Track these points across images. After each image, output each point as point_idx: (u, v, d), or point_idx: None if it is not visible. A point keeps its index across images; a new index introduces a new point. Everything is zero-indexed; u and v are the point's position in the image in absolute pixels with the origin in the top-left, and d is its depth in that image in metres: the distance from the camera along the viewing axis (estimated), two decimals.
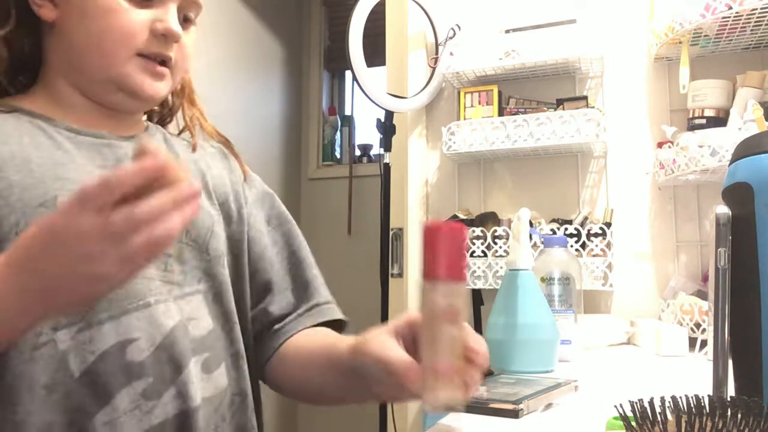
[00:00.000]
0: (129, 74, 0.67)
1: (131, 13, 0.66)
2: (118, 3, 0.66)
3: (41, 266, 0.47)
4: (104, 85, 0.69)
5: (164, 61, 0.69)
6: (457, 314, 0.57)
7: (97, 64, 0.67)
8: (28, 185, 0.60)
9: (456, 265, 0.58)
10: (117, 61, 0.67)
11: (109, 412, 0.59)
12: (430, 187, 1.90)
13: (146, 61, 0.68)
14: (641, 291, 1.63)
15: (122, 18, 0.65)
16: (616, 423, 0.57)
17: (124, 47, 0.66)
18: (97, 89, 0.70)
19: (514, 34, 1.74)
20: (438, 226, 0.58)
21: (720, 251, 0.54)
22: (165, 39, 0.68)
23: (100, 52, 0.67)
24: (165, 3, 0.68)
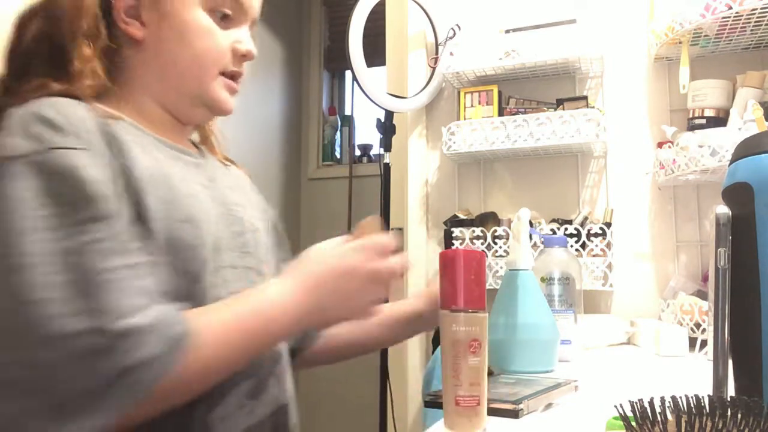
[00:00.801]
0: (215, 91, 0.74)
1: (220, 35, 0.72)
2: (211, 26, 0.71)
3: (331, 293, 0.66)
4: (188, 100, 0.74)
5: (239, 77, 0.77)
6: (477, 343, 0.56)
7: (190, 81, 0.73)
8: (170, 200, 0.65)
9: (475, 293, 0.58)
10: (206, 80, 0.73)
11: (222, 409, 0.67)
12: (430, 187, 1.90)
13: (226, 79, 0.75)
14: (641, 291, 1.64)
15: (214, 41, 0.72)
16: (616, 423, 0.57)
17: (212, 67, 0.73)
18: (182, 104, 0.75)
19: (514, 34, 1.74)
20: (456, 253, 0.58)
21: (720, 251, 0.54)
22: (243, 59, 0.75)
23: (193, 71, 0.72)
24: (240, 24, 0.75)
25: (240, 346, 0.62)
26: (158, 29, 0.71)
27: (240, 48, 0.74)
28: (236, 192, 0.81)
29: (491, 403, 0.68)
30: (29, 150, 0.57)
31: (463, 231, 1.68)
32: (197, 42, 0.71)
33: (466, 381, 0.56)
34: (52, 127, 0.58)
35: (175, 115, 0.76)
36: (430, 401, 0.72)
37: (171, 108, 0.75)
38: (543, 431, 0.68)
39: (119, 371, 0.51)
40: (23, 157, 0.56)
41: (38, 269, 0.51)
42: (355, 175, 2.86)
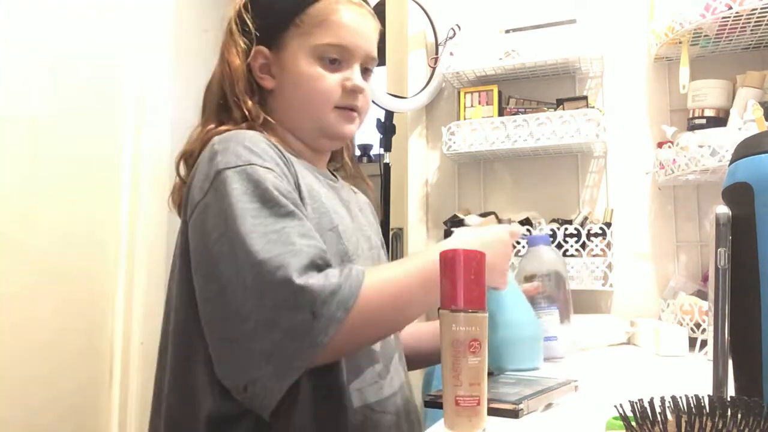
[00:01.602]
0: (332, 123, 0.91)
1: (328, 77, 0.89)
2: (319, 72, 0.89)
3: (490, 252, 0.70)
4: (313, 133, 0.92)
5: (353, 108, 0.92)
6: (477, 343, 0.56)
7: (307, 117, 0.91)
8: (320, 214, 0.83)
9: (475, 293, 0.57)
10: (321, 115, 0.90)
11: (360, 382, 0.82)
12: (430, 187, 1.90)
13: (342, 111, 0.91)
14: (641, 291, 1.63)
15: (322, 83, 0.89)
16: (616, 423, 0.57)
17: (325, 104, 0.90)
18: (307, 136, 0.93)
19: (514, 34, 1.74)
20: (456, 253, 0.58)
21: (720, 251, 0.54)
22: (354, 93, 0.91)
23: (309, 109, 0.90)
24: (350, 65, 0.91)
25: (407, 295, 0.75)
26: (282, 80, 0.90)
27: (348, 85, 0.90)
28: (363, 214, 1.00)
29: (491, 403, 0.68)
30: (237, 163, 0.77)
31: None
32: (308, 86, 0.89)
33: (466, 381, 0.56)
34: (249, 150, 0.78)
35: (308, 145, 0.94)
36: (430, 401, 0.72)
37: (303, 140, 0.94)
38: (543, 431, 0.68)
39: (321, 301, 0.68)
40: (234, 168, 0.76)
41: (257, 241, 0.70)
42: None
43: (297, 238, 0.72)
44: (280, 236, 0.72)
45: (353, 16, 0.90)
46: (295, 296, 0.68)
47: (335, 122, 0.91)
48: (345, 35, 0.89)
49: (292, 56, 0.89)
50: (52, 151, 1.46)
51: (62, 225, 1.48)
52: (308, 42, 0.88)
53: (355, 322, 0.69)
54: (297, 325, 0.68)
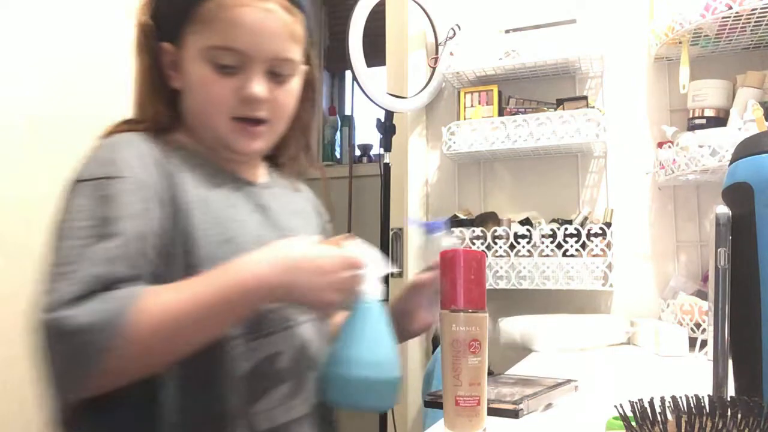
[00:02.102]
0: (227, 135, 0.79)
1: (219, 84, 0.77)
2: (208, 75, 0.77)
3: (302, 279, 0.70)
4: (213, 141, 0.82)
5: (256, 120, 0.79)
6: (477, 343, 0.56)
7: (203, 126, 0.81)
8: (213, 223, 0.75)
9: (475, 293, 0.57)
10: (215, 125, 0.79)
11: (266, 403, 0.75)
12: (430, 187, 1.90)
13: (240, 123, 0.79)
14: (641, 291, 1.63)
15: (212, 90, 0.77)
16: (616, 423, 0.57)
17: (218, 113, 0.78)
18: (211, 144, 0.82)
19: (514, 34, 1.74)
20: (456, 253, 0.58)
21: (720, 251, 0.54)
22: (251, 103, 0.78)
23: (204, 116, 0.80)
24: (248, 70, 0.77)
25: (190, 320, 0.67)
26: (184, 80, 0.80)
27: (242, 93, 0.77)
28: (296, 217, 0.90)
29: (491, 403, 0.68)
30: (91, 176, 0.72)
31: (463, 231, 1.68)
32: (200, 92, 0.79)
33: (466, 381, 0.56)
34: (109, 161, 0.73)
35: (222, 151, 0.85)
36: (430, 401, 0.72)
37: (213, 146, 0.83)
38: (543, 431, 0.68)
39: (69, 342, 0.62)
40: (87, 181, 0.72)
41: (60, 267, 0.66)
42: (355, 175, 2.85)
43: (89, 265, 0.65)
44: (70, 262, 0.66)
45: (252, 12, 0.76)
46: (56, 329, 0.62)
47: (231, 135, 0.79)
48: (239, 37, 0.76)
49: (188, 56, 0.78)
50: (52, 151, 1.46)
51: None
52: (201, 42, 0.77)
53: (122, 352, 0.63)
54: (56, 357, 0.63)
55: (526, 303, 1.68)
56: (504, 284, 1.62)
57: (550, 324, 1.42)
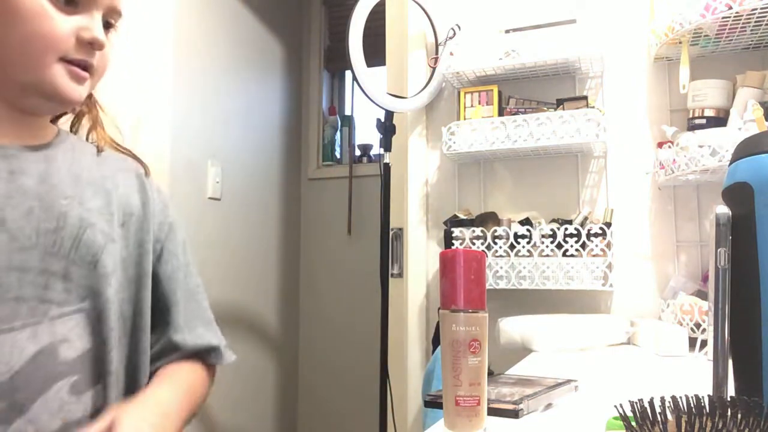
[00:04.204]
0: (52, 78, 0.68)
1: (57, 20, 0.67)
2: (45, 9, 0.66)
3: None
4: (24, 88, 0.69)
5: (86, 65, 0.71)
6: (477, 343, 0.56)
7: (20, 67, 0.68)
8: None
9: (475, 293, 0.57)
10: (41, 66, 0.68)
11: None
12: (430, 187, 1.90)
13: (70, 66, 0.69)
14: (641, 291, 1.64)
15: (49, 24, 0.67)
16: (616, 423, 0.57)
17: (49, 53, 0.68)
18: (13, 92, 0.70)
19: (514, 34, 1.74)
20: (456, 253, 0.58)
21: (720, 251, 0.54)
22: (90, 47, 0.70)
23: (25, 55, 0.67)
24: (90, 11, 0.70)
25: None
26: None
27: (84, 35, 0.69)
28: (82, 185, 0.75)
29: (491, 403, 0.68)
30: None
31: (463, 231, 1.68)
32: (29, 25, 0.66)
33: (466, 381, 0.56)
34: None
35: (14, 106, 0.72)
36: (430, 401, 0.72)
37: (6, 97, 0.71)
38: (543, 431, 0.68)
39: None
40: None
41: None
42: (355, 175, 2.86)
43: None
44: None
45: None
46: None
47: (58, 78, 0.69)
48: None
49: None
50: None
51: None
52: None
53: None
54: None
55: (526, 303, 1.68)
56: (504, 284, 1.62)
57: (550, 324, 1.42)
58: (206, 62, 2.11)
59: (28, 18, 0.66)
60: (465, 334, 0.56)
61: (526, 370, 1.12)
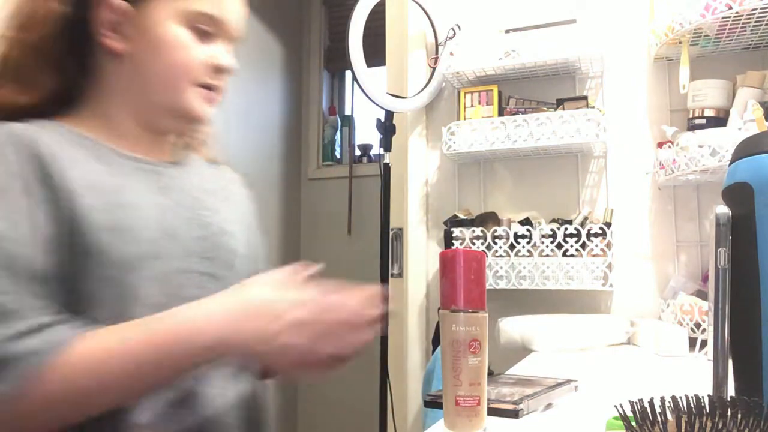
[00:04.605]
0: (189, 101, 0.77)
1: (195, 49, 0.76)
2: (185, 40, 0.75)
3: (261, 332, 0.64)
4: (166, 110, 0.78)
5: (216, 89, 0.80)
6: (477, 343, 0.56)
7: (160, 91, 0.76)
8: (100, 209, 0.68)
9: (475, 293, 0.57)
10: (179, 90, 0.76)
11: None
12: (430, 187, 1.90)
13: (203, 90, 0.78)
14: (641, 291, 1.63)
15: (188, 54, 0.75)
16: (616, 423, 0.57)
17: (187, 79, 0.76)
18: (157, 114, 0.78)
19: (514, 34, 1.74)
20: (456, 253, 0.58)
21: (720, 251, 0.54)
22: (221, 73, 0.79)
23: (166, 81, 0.76)
24: (221, 41, 0.79)
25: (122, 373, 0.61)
26: (138, 43, 0.74)
27: (217, 63, 0.78)
28: (212, 196, 0.83)
29: (491, 403, 0.68)
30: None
31: (463, 231, 1.68)
32: (172, 55, 0.75)
33: (466, 381, 0.56)
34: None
35: (150, 126, 0.79)
36: (430, 401, 0.72)
37: (146, 119, 0.78)
38: (543, 431, 0.68)
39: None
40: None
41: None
42: (355, 175, 2.86)
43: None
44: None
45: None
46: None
47: (194, 101, 0.77)
48: (221, 6, 0.77)
49: (158, 18, 0.74)
50: None
51: None
52: (180, 6, 0.74)
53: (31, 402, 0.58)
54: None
55: (526, 303, 1.68)
56: (504, 284, 1.62)
57: (550, 324, 1.42)
58: None
59: (171, 48, 0.74)
60: (465, 334, 0.56)
61: (526, 370, 1.12)
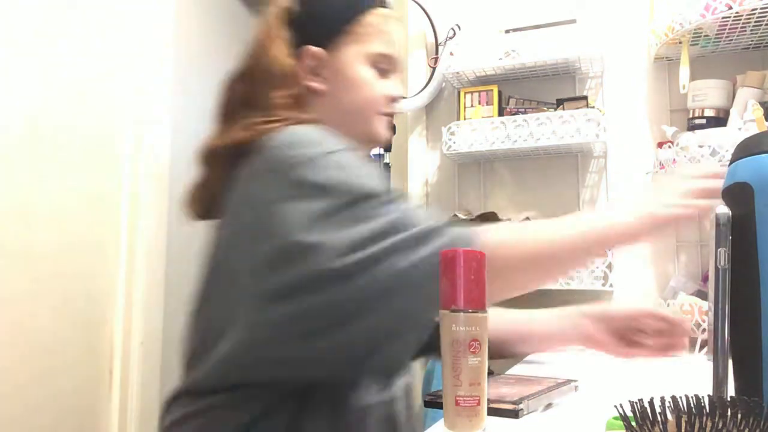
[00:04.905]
0: (376, 128, 0.92)
1: (378, 85, 0.91)
2: (372, 78, 0.91)
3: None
4: (358, 136, 0.91)
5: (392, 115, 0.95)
6: (477, 343, 0.56)
7: (357, 120, 0.91)
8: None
9: (475, 293, 0.57)
10: (369, 119, 0.92)
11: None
12: (430, 187, 1.90)
13: (384, 117, 0.93)
14: (641, 291, 1.63)
15: (374, 89, 0.91)
16: (616, 423, 0.57)
17: (373, 108, 0.91)
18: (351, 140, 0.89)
19: (514, 34, 1.74)
20: (456, 253, 0.58)
21: (720, 251, 0.54)
22: (395, 101, 0.95)
23: (359, 112, 0.91)
24: (393, 75, 0.95)
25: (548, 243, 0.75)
26: (334, 82, 0.90)
27: (392, 93, 0.93)
28: None
29: (491, 403, 0.68)
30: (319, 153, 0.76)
31: None
32: (362, 91, 0.91)
33: (466, 381, 0.56)
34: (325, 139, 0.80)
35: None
36: (430, 401, 0.72)
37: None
38: (543, 431, 0.68)
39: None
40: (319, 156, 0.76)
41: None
42: None
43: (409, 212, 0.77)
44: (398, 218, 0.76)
45: (398, 30, 0.97)
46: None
47: (380, 128, 0.93)
48: (395, 47, 0.94)
49: (348, 60, 0.90)
50: (52, 152, 1.46)
51: (62, 225, 1.48)
52: (364, 49, 0.91)
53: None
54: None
55: (526, 303, 1.68)
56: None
57: None
58: (206, 62, 2.11)
59: (362, 85, 0.90)
60: (465, 334, 0.56)
61: (526, 370, 1.12)
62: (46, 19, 1.45)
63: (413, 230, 0.69)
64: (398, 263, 0.67)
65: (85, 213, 1.55)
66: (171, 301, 1.79)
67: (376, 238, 0.67)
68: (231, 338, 0.72)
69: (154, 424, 1.72)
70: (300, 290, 0.67)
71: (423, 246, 0.68)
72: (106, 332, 1.61)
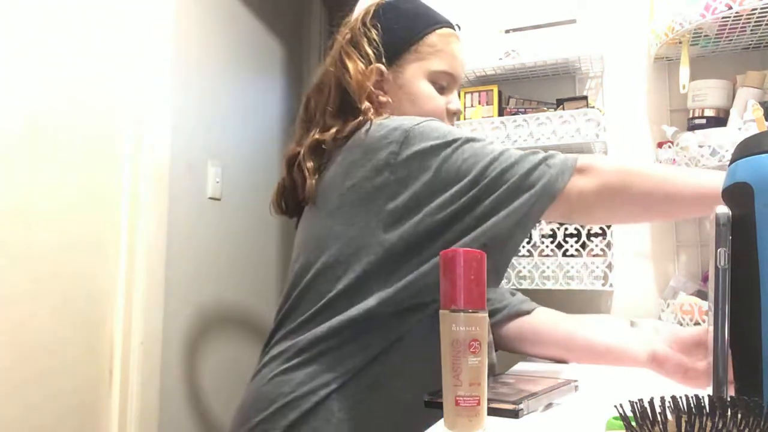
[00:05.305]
0: None
1: (439, 99, 1.01)
2: (433, 92, 1.00)
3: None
4: None
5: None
6: (477, 343, 0.56)
7: None
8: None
9: (475, 293, 0.57)
10: None
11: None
12: None
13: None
14: (641, 291, 1.63)
15: (435, 102, 1.00)
16: (616, 423, 0.57)
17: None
18: None
19: (514, 34, 1.74)
20: (456, 253, 0.58)
21: (720, 251, 0.53)
22: (454, 115, 1.04)
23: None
24: (453, 90, 1.04)
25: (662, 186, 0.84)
26: (397, 96, 0.99)
27: (452, 108, 1.02)
28: None
29: (491, 403, 0.68)
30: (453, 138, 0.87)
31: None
32: (425, 105, 0.99)
33: (466, 381, 0.56)
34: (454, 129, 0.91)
35: None
36: (430, 401, 0.72)
37: None
38: (543, 431, 0.68)
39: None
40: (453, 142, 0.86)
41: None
42: None
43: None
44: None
45: (460, 49, 1.06)
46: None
47: None
48: (455, 65, 1.02)
49: (410, 77, 0.99)
50: (51, 152, 1.46)
51: (62, 225, 1.48)
52: (425, 67, 0.99)
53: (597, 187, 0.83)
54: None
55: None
56: (504, 284, 1.62)
57: None
58: (206, 62, 2.11)
59: (425, 99, 0.99)
60: (465, 334, 0.56)
61: (526, 370, 1.12)
62: (46, 19, 1.45)
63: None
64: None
65: (85, 213, 1.55)
66: (171, 301, 1.79)
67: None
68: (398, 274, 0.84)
69: (154, 424, 1.72)
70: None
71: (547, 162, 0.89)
72: (106, 332, 1.61)
